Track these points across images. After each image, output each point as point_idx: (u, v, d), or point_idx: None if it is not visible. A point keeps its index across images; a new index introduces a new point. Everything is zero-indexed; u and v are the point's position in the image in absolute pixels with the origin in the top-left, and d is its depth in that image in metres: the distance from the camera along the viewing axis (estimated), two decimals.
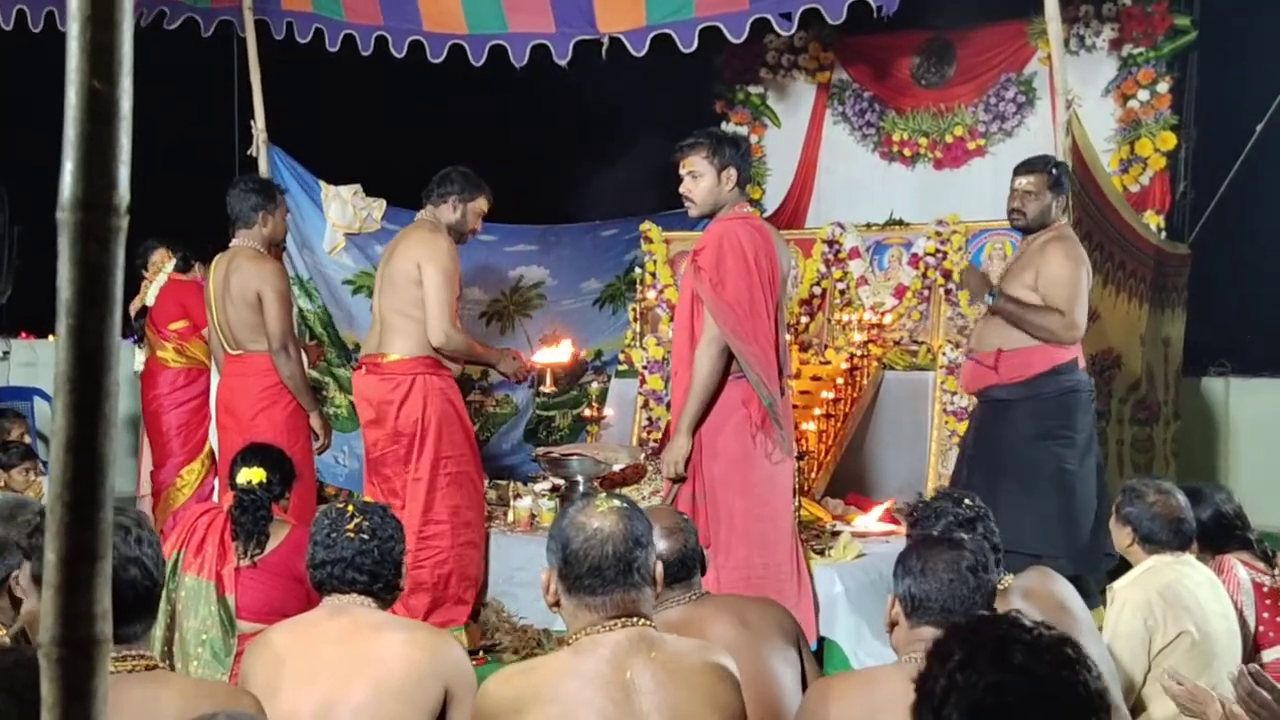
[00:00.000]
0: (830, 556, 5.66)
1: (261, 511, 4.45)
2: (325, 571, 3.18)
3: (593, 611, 2.63)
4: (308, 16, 7.94)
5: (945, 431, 7.03)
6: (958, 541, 2.86)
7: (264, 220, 6.08)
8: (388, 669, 2.93)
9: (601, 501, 2.72)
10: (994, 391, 5.70)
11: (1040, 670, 1.73)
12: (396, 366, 5.75)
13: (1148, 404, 7.83)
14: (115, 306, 1.02)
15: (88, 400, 1.00)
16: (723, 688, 2.62)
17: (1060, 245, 5.60)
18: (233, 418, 6.08)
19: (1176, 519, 4.03)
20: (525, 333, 9.17)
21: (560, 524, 2.72)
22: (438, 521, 5.72)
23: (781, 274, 5.05)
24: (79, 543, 1.00)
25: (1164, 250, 7.97)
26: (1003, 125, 9.08)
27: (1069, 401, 5.59)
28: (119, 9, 1.00)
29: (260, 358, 6.01)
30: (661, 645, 2.61)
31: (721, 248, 4.88)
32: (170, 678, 2.67)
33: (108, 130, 0.99)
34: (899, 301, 7.52)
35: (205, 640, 4.24)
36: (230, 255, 6.11)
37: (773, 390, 4.87)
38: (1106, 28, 8.59)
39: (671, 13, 7.20)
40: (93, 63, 0.98)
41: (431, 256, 5.71)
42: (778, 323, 5.00)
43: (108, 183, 0.99)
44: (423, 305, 5.71)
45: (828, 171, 9.69)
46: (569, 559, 2.64)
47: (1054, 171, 5.74)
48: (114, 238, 1.00)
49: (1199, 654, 3.80)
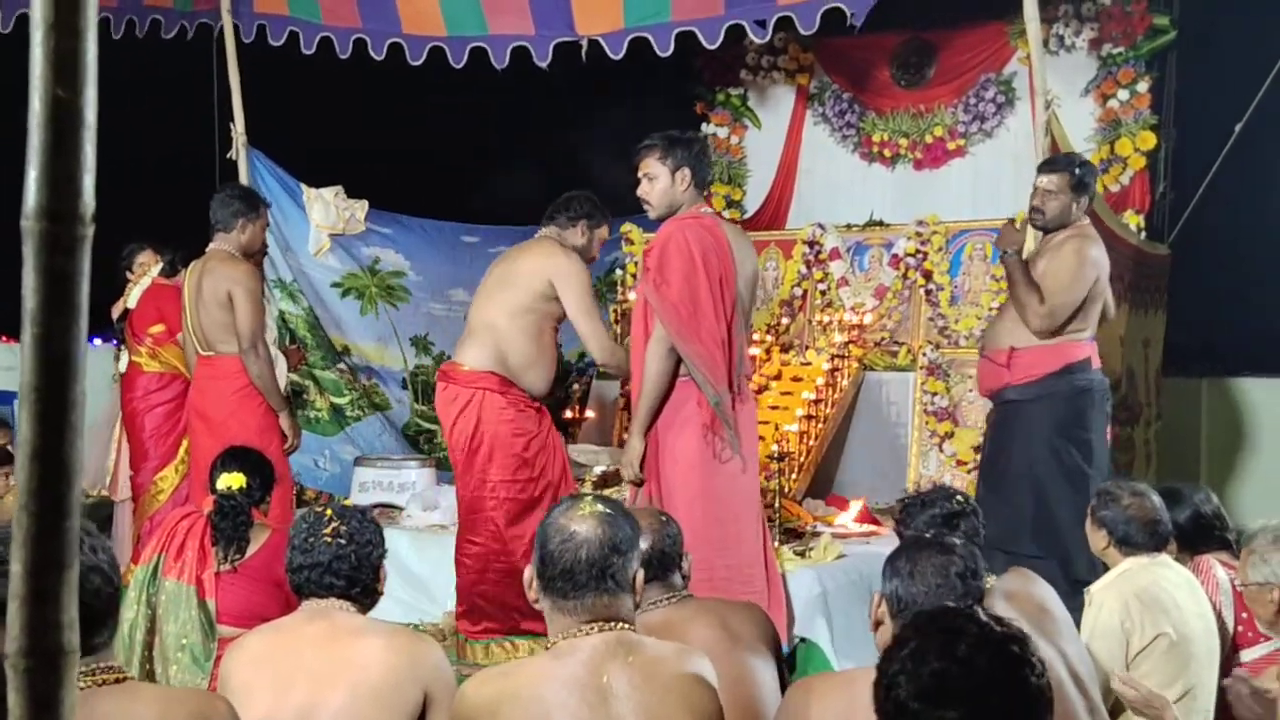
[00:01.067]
0: (811, 558, 5.66)
1: (241, 517, 4.44)
2: (303, 576, 3.18)
3: (568, 615, 2.63)
4: (282, 19, 7.92)
5: (926, 432, 7.05)
6: (949, 546, 2.85)
7: (243, 228, 6.12)
8: (366, 673, 2.92)
9: (586, 504, 2.71)
10: (1007, 393, 5.65)
11: (980, 663, 1.85)
12: (465, 377, 5.53)
13: (1128, 404, 7.85)
14: (81, 315, 1.01)
15: (53, 409, 0.99)
16: (699, 693, 2.62)
17: (1075, 243, 5.55)
18: (204, 421, 6.07)
19: (1152, 521, 4.04)
20: None
21: (544, 522, 2.73)
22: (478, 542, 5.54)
23: (744, 273, 5.04)
24: (45, 552, 1.00)
25: (1144, 250, 7.98)
26: (983, 126, 9.09)
27: (1083, 401, 5.55)
28: (83, 16, 0.99)
29: (231, 360, 6.02)
30: (639, 650, 2.61)
31: (667, 249, 4.90)
32: (140, 689, 2.66)
33: (72, 139, 0.98)
34: (879, 302, 7.54)
35: (185, 645, 4.22)
36: (205, 258, 6.16)
37: (719, 389, 4.83)
38: (1086, 28, 8.61)
39: (648, 16, 7.21)
40: (56, 70, 0.98)
41: (572, 273, 5.42)
42: (732, 322, 4.95)
43: (72, 191, 0.99)
44: (524, 313, 5.48)
45: (808, 173, 9.70)
46: (545, 559, 2.65)
47: (1077, 171, 5.66)
48: (79, 246, 1.00)
49: (1177, 655, 3.81)
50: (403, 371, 9.18)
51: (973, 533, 3.51)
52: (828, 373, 7.14)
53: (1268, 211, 9.32)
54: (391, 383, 9.15)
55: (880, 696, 1.93)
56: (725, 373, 4.88)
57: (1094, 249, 5.59)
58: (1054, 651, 3.34)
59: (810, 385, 7.10)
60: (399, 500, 7.16)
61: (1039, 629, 3.37)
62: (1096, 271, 5.54)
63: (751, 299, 5.24)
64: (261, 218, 6.21)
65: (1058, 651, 3.35)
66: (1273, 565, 3.63)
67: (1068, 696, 3.26)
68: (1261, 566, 3.66)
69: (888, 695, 1.91)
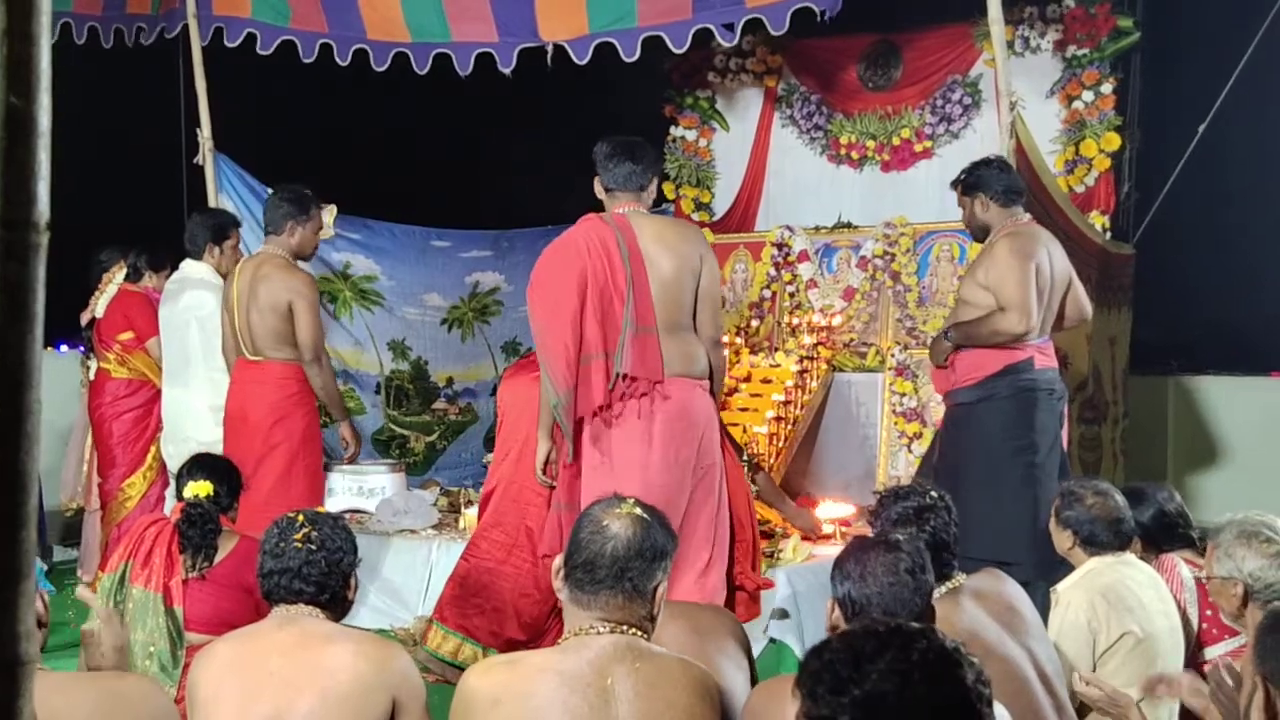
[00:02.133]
0: (780, 559, 5.68)
1: (210, 525, 4.41)
2: (273, 581, 3.17)
3: (584, 609, 2.65)
4: (240, 21, 7.88)
5: (895, 432, 7.08)
6: (894, 543, 2.87)
7: (292, 230, 6.08)
8: (334, 680, 2.92)
9: (628, 505, 2.74)
10: (957, 395, 5.67)
11: (903, 667, 1.77)
12: None
13: (1095, 403, 7.89)
14: (37, 324, 1.00)
15: (8, 419, 0.99)
16: (703, 707, 2.62)
17: (1004, 241, 5.56)
18: (246, 424, 5.99)
19: (1116, 519, 4.07)
20: (485, 340, 9.19)
21: (584, 512, 2.78)
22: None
23: (658, 269, 4.78)
24: (2, 564, 0.99)
25: (1109, 250, 8.03)
26: (949, 127, 9.12)
27: (1026, 401, 5.52)
28: (37, 22, 0.98)
29: (279, 366, 5.96)
30: (648, 657, 2.62)
31: (544, 253, 4.91)
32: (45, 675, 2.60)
33: (25, 147, 0.98)
34: (848, 304, 7.57)
35: (153, 652, 4.20)
36: (258, 261, 6.10)
37: (559, 389, 4.68)
38: (1050, 29, 8.64)
39: (613, 21, 7.20)
40: (10, 78, 0.97)
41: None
42: (605, 315, 4.72)
43: (26, 199, 0.98)
44: None
45: (776, 175, 9.71)
46: (574, 545, 2.69)
47: (963, 177, 5.74)
48: (34, 255, 0.99)
49: (1142, 653, 3.84)
50: (378, 376, 9.16)
51: (942, 528, 3.53)
52: (797, 374, 7.16)
53: (1231, 210, 9.40)
54: (366, 388, 9.13)
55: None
56: (566, 373, 4.69)
57: (1027, 242, 5.58)
58: (1022, 650, 3.36)
59: (779, 387, 7.11)
60: (368, 505, 7.14)
61: (1008, 628, 3.39)
62: (1034, 260, 5.51)
63: (681, 293, 4.84)
64: (312, 220, 6.15)
65: (1025, 650, 3.37)
66: (1236, 560, 3.66)
67: (1035, 695, 3.28)
68: (1226, 561, 3.68)
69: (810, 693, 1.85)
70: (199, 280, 6.52)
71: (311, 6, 7.79)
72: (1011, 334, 5.46)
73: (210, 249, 6.54)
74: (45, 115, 0.99)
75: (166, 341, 6.63)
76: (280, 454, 5.90)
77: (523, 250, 9.22)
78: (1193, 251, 9.33)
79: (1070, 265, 5.75)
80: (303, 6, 7.82)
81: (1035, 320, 5.48)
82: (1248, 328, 9.42)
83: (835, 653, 1.82)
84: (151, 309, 6.91)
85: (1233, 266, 9.38)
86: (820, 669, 1.81)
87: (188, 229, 6.65)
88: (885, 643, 1.80)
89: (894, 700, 1.74)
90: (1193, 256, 9.36)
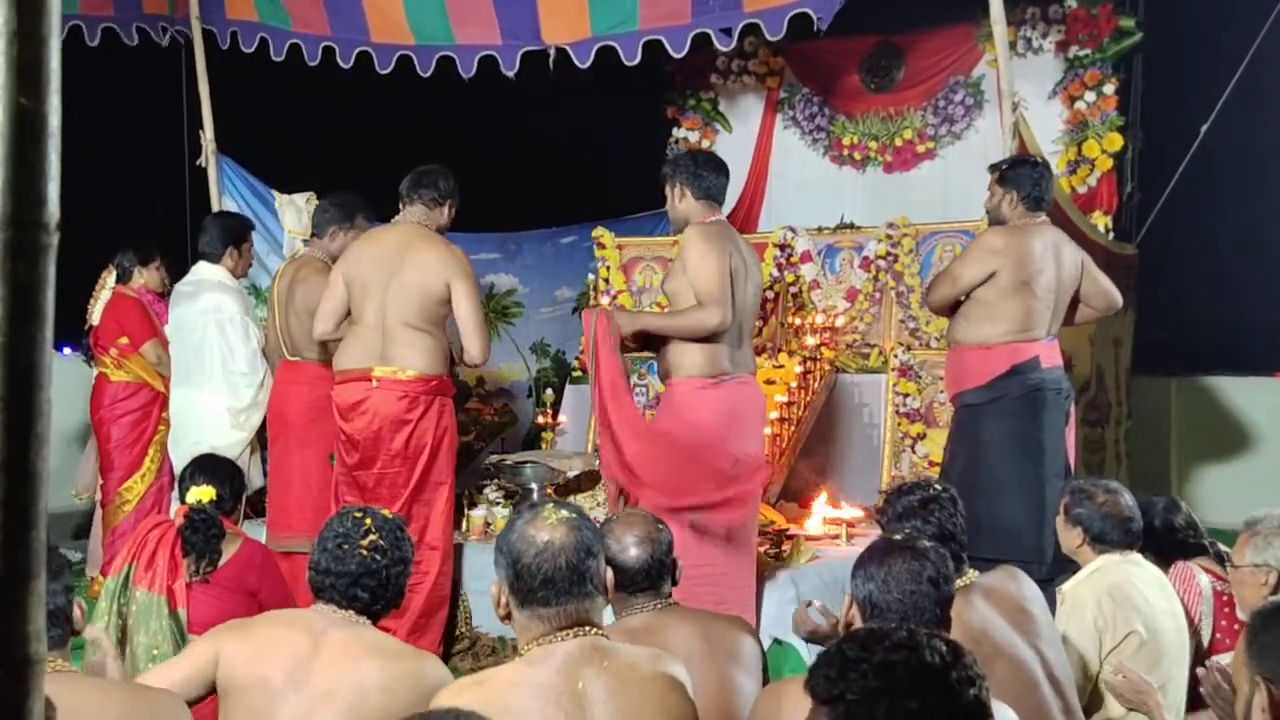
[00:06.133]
0: (785, 560, 5.67)
1: (213, 530, 4.39)
2: (327, 581, 3.10)
3: (545, 622, 2.62)
4: (253, 26, 7.91)
5: (898, 433, 7.07)
6: (921, 550, 2.83)
7: (333, 235, 6.26)
8: (364, 692, 2.89)
9: (549, 512, 2.70)
10: (965, 396, 5.69)
11: (899, 671, 1.81)
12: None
13: (1098, 404, 7.88)
14: (47, 324, 1.00)
15: (20, 419, 0.98)
16: (675, 697, 2.62)
17: (983, 235, 5.73)
18: (285, 425, 6.14)
19: (1126, 518, 4.07)
20: (513, 341, 9.20)
21: (509, 537, 2.69)
22: (433, 547, 5.54)
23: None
24: (13, 563, 0.99)
25: (1111, 251, 8.02)
26: (951, 128, 9.13)
27: (1034, 401, 5.54)
28: (47, 24, 0.98)
29: (315, 367, 6.07)
30: (613, 655, 2.60)
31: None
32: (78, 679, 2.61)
33: (36, 147, 0.98)
34: (851, 304, 7.56)
35: (156, 655, 4.18)
36: (297, 264, 6.33)
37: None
38: (1053, 30, 8.65)
39: (615, 25, 7.24)
40: (20, 79, 0.97)
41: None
42: None
43: (37, 200, 0.98)
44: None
45: (779, 176, 9.72)
46: (521, 574, 2.62)
47: (1004, 167, 5.77)
48: (44, 255, 0.99)
49: (1147, 653, 3.83)
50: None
51: (947, 520, 3.53)
52: (800, 375, 7.14)
53: (1234, 210, 9.40)
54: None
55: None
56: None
57: (995, 238, 5.61)
58: (1031, 652, 3.34)
59: (783, 388, 7.09)
60: None
61: (1018, 628, 3.38)
62: (994, 261, 5.52)
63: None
64: (356, 227, 6.25)
65: (1035, 652, 3.35)
66: (1275, 549, 3.67)
67: (1044, 697, 3.27)
68: (1265, 549, 3.70)
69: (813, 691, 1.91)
70: (216, 283, 6.54)
71: (314, 10, 7.81)
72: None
73: (230, 252, 6.57)
74: (55, 116, 0.99)
75: (178, 342, 6.61)
76: (315, 453, 5.98)
77: (530, 252, 9.23)
78: (1195, 252, 9.33)
79: (1083, 259, 5.76)
80: (303, 10, 7.83)
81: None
82: (1251, 328, 9.42)
83: (845, 644, 1.89)
84: (144, 312, 6.89)
85: (1235, 266, 9.38)
86: (831, 656, 1.88)
87: (205, 232, 6.65)
88: (893, 634, 1.87)
89: (903, 670, 1.79)
90: (1195, 257, 9.37)
